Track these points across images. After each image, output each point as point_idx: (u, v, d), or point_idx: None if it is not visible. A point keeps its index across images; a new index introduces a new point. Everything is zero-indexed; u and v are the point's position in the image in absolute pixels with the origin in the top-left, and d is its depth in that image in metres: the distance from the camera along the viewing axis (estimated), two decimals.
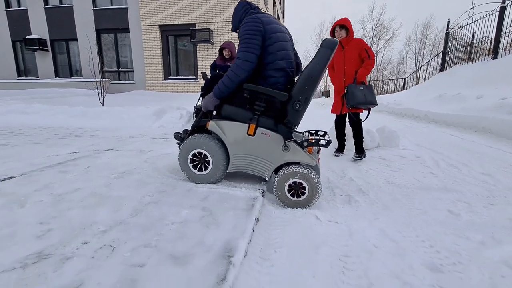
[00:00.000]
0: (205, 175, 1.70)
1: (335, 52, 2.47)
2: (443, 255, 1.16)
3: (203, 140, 1.66)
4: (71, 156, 2.31)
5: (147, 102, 7.45)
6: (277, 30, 1.59)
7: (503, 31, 6.97)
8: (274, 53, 1.57)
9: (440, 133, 4.45)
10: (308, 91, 1.52)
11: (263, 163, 1.63)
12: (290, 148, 1.57)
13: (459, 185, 2.03)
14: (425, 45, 28.92)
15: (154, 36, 10.99)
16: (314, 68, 1.50)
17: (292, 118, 1.57)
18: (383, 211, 1.62)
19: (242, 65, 1.54)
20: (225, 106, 1.66)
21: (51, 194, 1.45)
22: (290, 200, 1.58)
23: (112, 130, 3.79)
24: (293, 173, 1.55)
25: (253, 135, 1.58)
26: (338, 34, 2.61)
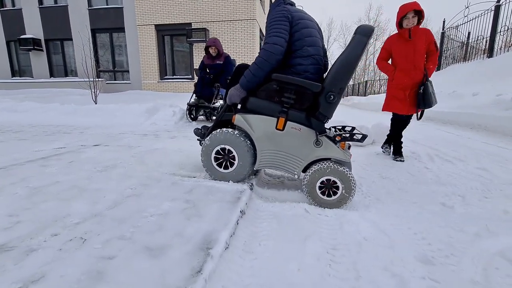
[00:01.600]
0: (230, 172, 1.58)
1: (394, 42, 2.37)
2: (436, 247, 1.11)
3: (228, 136, 1.54)
4: (56, 151, 2.23)
5: (141, 101, 7.37)
6: (304, 18, 1.52)
7: (498, 30, 6.99)
8: (302, 39, 1.48)
9: (435, 130, 4.42)
10: (342, 81, 1.41)
11: (293, 159, 1.52)
12: (323, 143, 1.46)
13: (454, 179, 1.98)
14: None
15: (150, 35, 10.92)
16: (349, 56, 1.39)
17: (325, 111, 1.44)
18: (376, 204, 1.57)
19: (272, 48, 1.42)
20: (251, 98, 1.55)
21: (27, 187, 1.38)
22: (322, 199, 1.47)
23: (103, 127, 3.72)
24: (326, 169, 1.44)
25: (282, 129, 1.47)
26: (410, 21, 2.22)
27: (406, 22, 2.24)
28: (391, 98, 2.48)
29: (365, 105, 10.47)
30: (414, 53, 2.26)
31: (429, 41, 2.25)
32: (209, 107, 4.03)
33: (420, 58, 2.27)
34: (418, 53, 2.26)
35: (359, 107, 10.97)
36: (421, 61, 2.27)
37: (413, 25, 2.22)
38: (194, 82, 4.27)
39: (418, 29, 2.25)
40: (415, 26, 2.23)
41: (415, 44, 2.25)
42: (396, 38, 2.38)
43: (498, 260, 1.02)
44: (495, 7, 7.04)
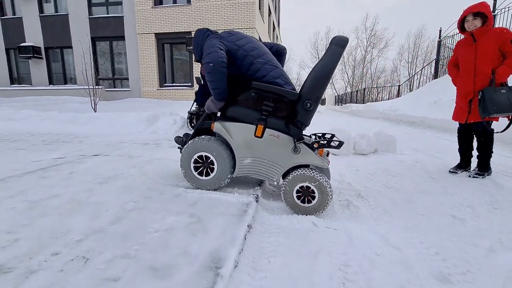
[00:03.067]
0: (209, 180, 1.59)
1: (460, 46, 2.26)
2: (451, 264, 1.07)
3: (207, 143, 1.55)
4: (55, 161, 2.19)
5: (141, 109, 7.34)
6: (240, 37, 1.58)
7: None
8: (247, 55, 1.53)
9: (437, 138, 4.42)
10: (319, 89, 1.45)
11: (271, 166, 1.53)
12: (301, 150, 1.48)
13: (461, 189, 1.95)
14: (418, 54, 29.50)
15: (149, 44, 10.99)
16: (324, 66, 1.42)
17: (302, 118, 1.48)
18: (384, 216, 1.54)
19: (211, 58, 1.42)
20: (231, 106, 1.57)
21: (25, 200, 1.33)
22: (299, 206, 1.48)
23: (103, 136, 3.67)
24: (302, 176, 1.45)
25: (261, 136, 1.49)
26: (470, 24, 2.07)
27: (467, 25, 2.11)
28: (456, 106, 2.37)
29: (363, 113, 10.52)
30: (476, 57, 2.10)
31: (503, 41, 1.99)
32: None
33: (484, 62, 2.07)
34: (481, 56, 2.08)
35: (358, 115, 11.01)
36: (487, 65, 2.06)
37: (475, 28, 2.05)
38: (195, 90, 4.25)
39: (487, 30, 2.04)
40: (479, 28, 2.04)
41: (479, 47, 2.08)
42: (463, 42, 2.25)
43: None
44: None
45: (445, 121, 5.32)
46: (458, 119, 2.35)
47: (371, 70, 31.51)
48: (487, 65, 2.07)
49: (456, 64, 2.36)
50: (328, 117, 9.79)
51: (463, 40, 2.25)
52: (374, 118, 8.52)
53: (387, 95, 17.35)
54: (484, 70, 2.08)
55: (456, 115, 2.38)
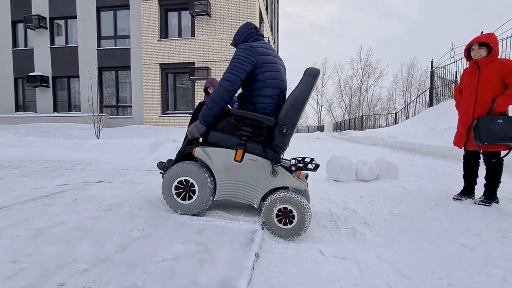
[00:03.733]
0: (190, 204, 1.61)
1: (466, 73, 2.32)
2: None
3: (188, 167, 1.59)
4: (58, 188, 2.18)
5: (143, 135, 7.44)
6: (269, 61, 1.63)
7: None
8: (263, 81, 1.60)
9: (437, 164, 4.44)
10: (294, 116, 1.54)
11: (251, 189, 1.57)
12: (278, 173, 1.53)
13: (467, 216, 1.94)
14: (412, 83, 30.59)
15: (154, 73, 11.44)
16: (298, 95, 1.53)
17: (279, 143, 1.55)
18: (392, 244, 1.51)
19: (225, 85, 1.55)
20: (212, 132, 1.64)
21: (30, 228, 1.32)
22: (279, 227, 1.49)
23: (106, 163, 3.69)
24: (281, 198, 1.48)
25: (240, 161, 1.55)
26: (475, 53, 2.15)
27: (472, 53, 2.18)
28: (457, 131, 2.41)
29: (362, 139, 10.64)
30: (478, 85, 2.14)
31: (505, 72, 2.03)
32: None
33: (485, 90, 2.10)
34: (483, 84, 2.11)
35: (357, 141, 11.13)
36: (488, 93, 2.09)
37: (480, 57, 2.12)
38: None
39: (491, 60, 2.10)
40: (484, 57, 2.11)
41: (482, 75, 2.12)
42: (469, 70, 2.31)
43: None
44: None
45: (443, 148, 5.39)
46: (457, 144, 2.37)
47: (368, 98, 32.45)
48: (488, 93, 2.10)
49: (462, 90, 2.40)
50: (328, 143, 9.89)
51: (469, 67, 2.31)
52: (373, 145, 8.60)
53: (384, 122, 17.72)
54: (484, 98, 2.10)
55: (456, 140, 2.40)
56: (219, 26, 10.76)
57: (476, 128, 2.09)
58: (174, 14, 11.54)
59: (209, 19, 10.75)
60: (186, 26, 11.45)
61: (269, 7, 15.97)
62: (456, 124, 2.42)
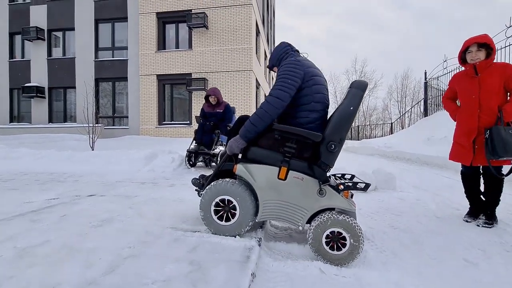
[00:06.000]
0: (230, 225, 1.49)
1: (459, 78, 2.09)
2: None
3: (228, 186, 1.49)
4: (48, 202, 2.11)
5: (138, 146, 7.36)
6: (315, 74, 1.58)
7: None
8: (311, 95, 1.53)
9: (434, 175, 4.43)
10: (342, 131, 1.44)
11: (296, 210, 1.45)
12: (326, 192, 1.43)
13: (468, 231, 1.90)
14: (406, 94, 31.09)
15: (151, 84, 11.46)
16: (346, 109, 1.43)
17: (326, 160, 1.44)
18: (394, 260, 1.46)
19: (275, 103, 1.47)
20: (252, 148, 1.54)
21: (14, 247, 1.24)
22: (332, 254, 1.37)
23: (99, 175, 3.61)
24: (332, 221, 1.37)
25: (284, 179, 1.44)
26: (473, 55, 1.91)
27: (469, 56, 1.94)
28: (455, 144, 2.13)
29: (359, 149, 10.65)
30: (480, 91, 1.91)
31: (507, 76, 1.85)
32: (209, 153, 4.02)
33: (489, 96, 1.89)
34: (485, 91, 1.90)
35: (353, 151, 11.13)
36: (492, 100, 1.89)
37: (478, 60, 1.90)
38: (194, 129, 4.33)
39: (489, 64, 1.90)
40: (483, 61, 1.89)
41: (483, 81, 1.91)
42: (462, 75, 2.09)
43: None
44: None
45: (440, 158, 5.39)
46: (461, 160, 2.07)
47: (363, 108, 32.83)
48: (492, 100, 1.89)
49: (452, 98, 2.22)
50: None
51: (462, 72, 2.10)
52: (370, 155, 8.60)
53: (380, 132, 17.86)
54: (490, 106, 1.89)
55: (456, 155, 2.11)
56: (216, 38, 10.90)
57: (490, 141, 1.82)
58: (171, 26, 11.70)
59: (206, 31, 10.91)
60: (183, 38, 11.59)
61: (265, 19, 16.29)
62: (453, 136, 2.18)
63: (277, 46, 1.76)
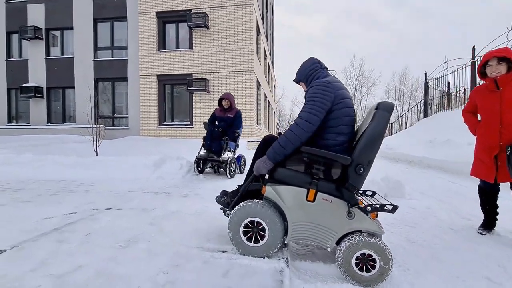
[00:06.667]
0: (259, 247, 1.51)
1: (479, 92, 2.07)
2: None
3: (261, 209, 1.50)
4: (67, 218, 2.11)
5: (142, 149, 7.34)
6: (345, 96, 1.58)
7: (477, 83, 7.66)
8: (340, 118, 1.54)
9: (439, 179, 4.48)
10: (370, 154, 1.45)
11: (325, 232, 1.47)
12: (355, 214, 1.44)
13: (486, 245, 1.93)
14: (404, 92, 31.24)
15: (151, 84, 11.39)
16: (374, 132, 1.44)
17: (354, 182, 1.44)
18: (418, 279, 1.49)
19: (304, 125, 1.49)
20: (279, 169, 1.55)
21: (50, 275, 1.25)
22: (362, 276, 1.39)
23: (108, 183, 3.60)
24: (361, 243, 1.39)
25: (313, 201, 1.46)
26: (493, 69, 1.88)
27: (489, 70, 1.92)
28: (476, 160, 2.12)
29: None
30: (502, 106, 1.89)
31: None
32: (218, 160, 4.03)
33: (511, 112, 1.87)
34: (507, 106, 1.87)
35: None
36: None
37: (499, 74, 1.87)
38: (203, 135, 4.33)
39: (511, 78, 1.87)
40: (504, 75, 1.87)
41: (505, 95, 1.88)
42: (482, 88, 2.07)
43: None
44: (471, 63, 7.82)
45: (443, 162, 5.46)
46: (483, 177, 2.06)
47: (361, 106, 32.96)
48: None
49: (472, 111, 2.21)
50: None
51: (483, 86, 2.08)
52: None
53: None
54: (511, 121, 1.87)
55: (478, 171, 2.10)
56: (217, 38, 10.84)
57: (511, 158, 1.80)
58: (171, 26, 11.61)
59: (207, 31, 10.84)
60: (184, 38, 11.51)
61: (265, 18, 16.22)
62: (474, 151, 2.16)
63: (306, 62, 1.77)
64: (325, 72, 1.74)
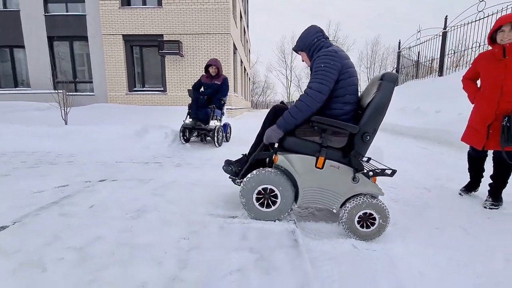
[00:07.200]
0: (271, 211, 1.62)
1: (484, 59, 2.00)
2: (483, 279, 1.26)
3: (273, 176, 1.58)
4: (61, 191, 2.01)
5: (115, 116, 6.90)
6: (350, 66, 1.61)
7: (446, 53, 8.08)
8: (346, 88, 1.59)
9: (411, 145, 4.90)
10: (376, 123, 1.55)
11: (333, 195, 1.60)
12: (359, 179, 1.57)
13: (458, 202, 2.22)
14: (375, 61, 32.01)
15: (117, 46, 10.35)
16: (380, 102, 1.52)
17: (360, 150, 1.56)
18: (408, 234, 1.70)
19: (315, 96, 1.52)
20: (289, 138, 1.60)
21: (69, 247, 1.23)
22: (362, 231, 1.57)
23: (90, 154, 3.41)
24: (365, 204, 1.55)
25: (322, 167, 1.55)
26: (506, 35, 1.79)
27: (500, 36, 1.82)
28: (469, 128, 2.15)
29: None
30: (505, 76, 1.84)
31: None
32: (206, 129, 3.96)
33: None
34: (511, 76, 1.83)
35: None
36: None
37: (510, 41, 1.79)
38: (188, 103, 4.17)
39: None
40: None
41: (510, 64, 1.82)
42: (488, 55, 2.00)
43: None
44: (442, 33, 8.14)
45: (413, 129, 5.92)
46: (472, 143, 2.11)
47: None
48: None
49: (472, 78, 2.17)
50: None
51: (488, 52, 2.00)
52: None
53: None
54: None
55: (469, 138, 2.15)
56: None
57: (507, 129, 1.81)
58: None
59: None
60: None
61: None
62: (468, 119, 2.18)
63: (308, 30, 1.73)
64: (329, 41, 1.73)
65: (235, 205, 1.85)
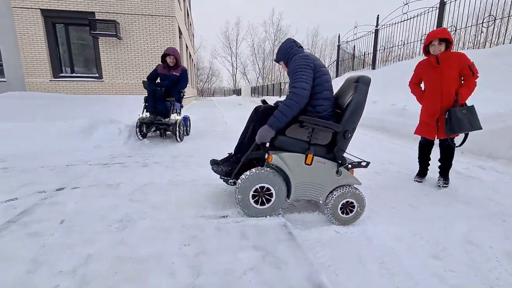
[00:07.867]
0: (266, 208, 1.74)
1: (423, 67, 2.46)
2: (439, 248, 1.60)
3: (271, 176, 1.70)
4: (12, 206, 1.71)
5: (43, 109, 5.87)
6: (322, 65, 1.81)
7: (378, 48, 9.16)
8: (322, 85, 1.76)
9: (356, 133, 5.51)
10: (355, 122, 1.78)
11: (320, 188, 1.78)
12: (342, 172, 1.77)
13: (405, 183, 2.67)
14: (315, 51, 34.05)
15: (33, 22, 8.66)
16: (358, 103, 1.73)
17: (342, 146, 1.77)
18: (373, 215, 2.00)
19: (301, 93, 1.66)
20: (280, 137, 1.72)
21: (59, 272, 1.10)
22: (343, 217, 1.80)
23: (28, 158, 2.90)
24: (349, 193, 1.77)
25: (310, 164, 1.71)
26: (436, 48, 2.28)
27: (432, 49, 2.31)
28: (422, 123, 2.58)
29: None
30: (442, 79, 2.32)
31: (462, 65, 2.26)
32: (166, 123, 3.73)
33: (449, 83, 2.30)
34: (446, 78, 2.30)
35: None
36: (451, 86, 2.30)
37: (440, 52, 2.27)
38: (144, 96, 3.85)
39: (449, 54, 2.29)
40: (443, 52, 2.27)
41: (444, 69, 2.30)
42: (426, 63, 2.47)
43: None
44: (375, 30, 9.16)
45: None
46: (427, 135, 2.55)
47: (278, 66, 34.40)
48: (451, 86, 2.30)
49: (418, 83, 2.64)
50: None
51: (425, 61, 2.49)
52: None
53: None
54: (449, 91, 2.31)
55: (423, 131, 2.58)
56: None
57: (449, 120, 2.29)
58: None
59: None
60: None
61: None
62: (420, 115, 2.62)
63: (284, 43, 1.99)
64: (301, 49, 1.96)
65: (222, 204, 1.87)
